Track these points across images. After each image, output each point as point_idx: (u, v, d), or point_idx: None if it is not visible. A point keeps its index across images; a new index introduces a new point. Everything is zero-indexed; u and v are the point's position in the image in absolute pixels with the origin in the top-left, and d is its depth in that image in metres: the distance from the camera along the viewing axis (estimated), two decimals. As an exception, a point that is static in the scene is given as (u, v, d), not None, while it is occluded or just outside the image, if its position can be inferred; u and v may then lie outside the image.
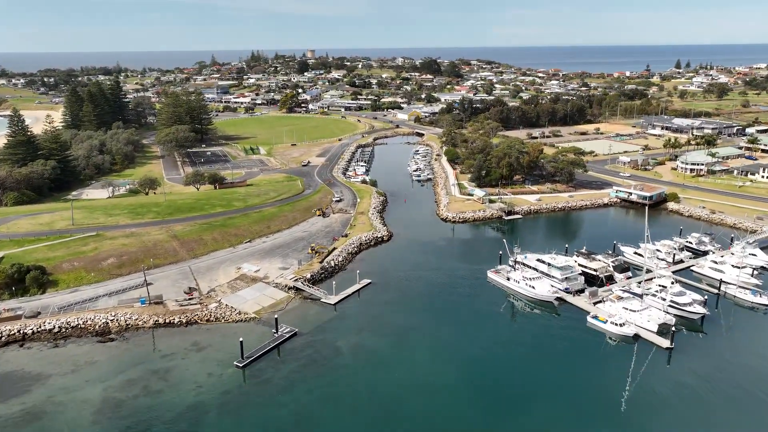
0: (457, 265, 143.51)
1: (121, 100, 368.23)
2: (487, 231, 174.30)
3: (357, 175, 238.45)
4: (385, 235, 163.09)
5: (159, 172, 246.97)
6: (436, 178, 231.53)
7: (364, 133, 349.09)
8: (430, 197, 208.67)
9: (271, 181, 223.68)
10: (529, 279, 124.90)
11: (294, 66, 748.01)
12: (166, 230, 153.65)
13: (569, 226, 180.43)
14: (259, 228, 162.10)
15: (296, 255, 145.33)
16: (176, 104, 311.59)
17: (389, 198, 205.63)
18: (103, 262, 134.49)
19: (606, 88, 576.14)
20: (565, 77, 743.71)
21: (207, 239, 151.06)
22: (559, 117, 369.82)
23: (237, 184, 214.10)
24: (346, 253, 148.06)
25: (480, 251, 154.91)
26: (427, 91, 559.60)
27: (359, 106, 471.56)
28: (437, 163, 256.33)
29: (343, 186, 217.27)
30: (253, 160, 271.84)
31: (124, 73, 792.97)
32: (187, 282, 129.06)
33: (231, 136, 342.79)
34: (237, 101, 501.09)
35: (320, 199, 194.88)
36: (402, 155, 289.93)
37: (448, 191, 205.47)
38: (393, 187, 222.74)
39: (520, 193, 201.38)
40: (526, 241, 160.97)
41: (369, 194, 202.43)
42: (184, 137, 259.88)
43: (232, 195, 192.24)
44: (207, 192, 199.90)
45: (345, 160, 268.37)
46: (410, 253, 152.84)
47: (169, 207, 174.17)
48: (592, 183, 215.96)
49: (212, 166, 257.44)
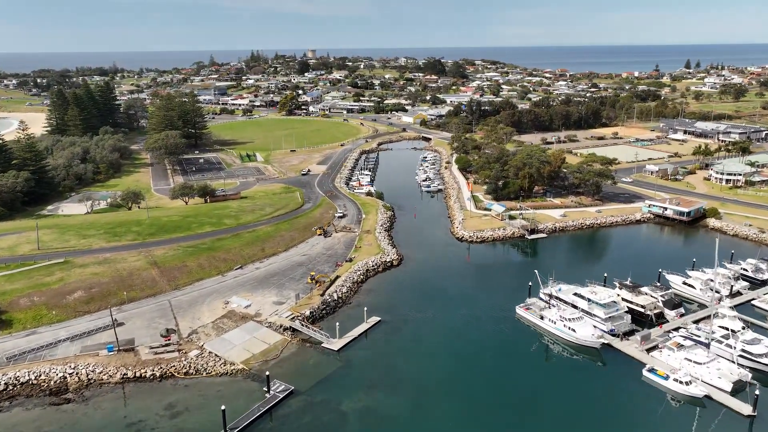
0: (479, 297, 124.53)
1: (111, 103, 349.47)
2: (509, 253, 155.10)
3: (361, 185, 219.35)
4: (395, 258, 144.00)
5: (147, 182, 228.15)
6: (447, 189, 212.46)
7: (368, 137, 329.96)
8: (442, 211, 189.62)
9: (268, 193, 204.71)
10: (568, 319, 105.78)
11: (294, 66, 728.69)
12: (145, 255, 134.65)
13: (600, 247, 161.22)
14: (251, 251, 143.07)
15: (293, 285, 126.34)
16: (168, 107, 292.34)
17: (397, 212, 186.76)
18: (69, 296, 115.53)
19: (616, 89, 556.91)
20: (573, 78, 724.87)
21: (192, 266, 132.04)
22: (574, 120, 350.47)
23: (230, 197, 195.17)
24: (351, 282, 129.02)
25: (504, 279, 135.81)
26: (431, 92, 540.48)
27: (362, 109, 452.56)
28: (447, 172, 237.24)
29: (347, 198, 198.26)
30: (249, 168, 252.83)
31: (120, 74, 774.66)
32: (166, 321, 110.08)
33: (227, 141, 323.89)
34: (235, 103, 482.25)
35: (321, 215, 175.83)
36: (409, 162, 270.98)
37: (462, 205, 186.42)
38: (401, 199, 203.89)
39: (541, 207, 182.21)
40: (553, 265, 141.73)
41: (375, 208, 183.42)
42: (174, 144, 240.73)
43: (224, 210, 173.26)
44: (196, 207, 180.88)
45: (348, 168, 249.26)
46: (424, 282, 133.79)
47: (151, 226, 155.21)
48: (620, 195, 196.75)
49: (205, 174, 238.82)
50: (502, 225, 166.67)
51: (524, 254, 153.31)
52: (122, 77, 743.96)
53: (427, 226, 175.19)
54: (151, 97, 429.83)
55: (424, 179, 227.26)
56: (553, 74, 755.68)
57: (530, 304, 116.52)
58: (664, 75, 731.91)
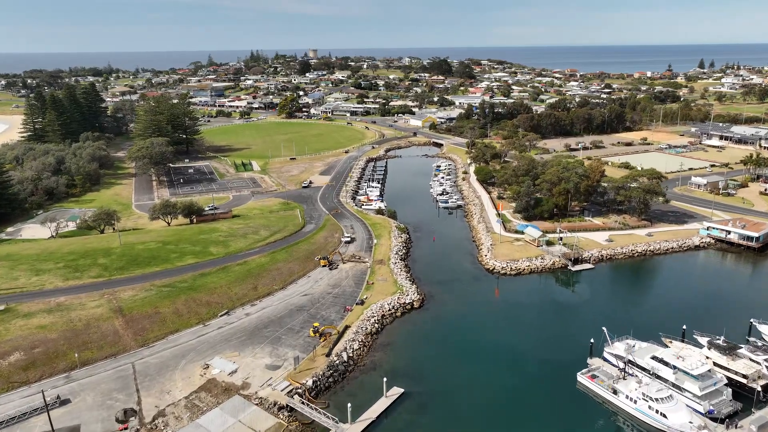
0: (524, 353, 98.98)
1: (97, 106, 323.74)
2: (551, 289, 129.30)
3: (370, 200, 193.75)
4: (416, 299, 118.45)
5: (128, 196, 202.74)
6: (468, 205, 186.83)
7: (374, 143, 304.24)
8: (464, 233, 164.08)
9: (264, 211, 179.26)
10: (655, 399, 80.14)
11: (295, 66, 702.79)
12: (109, 299, 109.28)
13: (661, 283, 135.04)
14: (241, 290, 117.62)
15: (292, 339, 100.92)
16: (156, 111, 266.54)
17: (413, 234, 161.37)
18: (3, 359, 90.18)
19: (631, 90, 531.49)
20: (584, 78, 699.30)
21: (166, 313, 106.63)
22: (596, 124, 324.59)
23: (219, 216, 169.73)
24: (364, 334, 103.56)
25: (551, 326, 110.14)
26: (439, 93, 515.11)
27: (366, 111, 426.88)
28: (466, 184, 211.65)
29: (354, 217, 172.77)
30: (244, 180, 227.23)
31: (115, 74, 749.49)
32: (125, 397, 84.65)
33: (221, 147, 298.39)
34: (232, 105, 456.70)
35: (325, 240, 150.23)
36: (420, 171, 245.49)
37: (489, 226, 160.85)
38: (415, 216, 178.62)
39: (580, 229, 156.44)
40: (609, 308, 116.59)
41: (387, 231, 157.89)
42: (160, 153, 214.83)
43: (211, 234, 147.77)
44: (179, 230, 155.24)
45: (354, 180, 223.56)
46: (452, 330, 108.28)
47: (122, 257, 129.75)
48: (668, 214, 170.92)
49: (194, 187, 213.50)
50: (540, 253, 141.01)
51: (569, 291, 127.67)
52: (117, 78, 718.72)
53: (450, 252, 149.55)
54: (139, 99, 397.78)
55: (441, 193, 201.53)
56: (563, 74, 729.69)
57: (595, 370, 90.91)
58: (678, 75, 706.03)
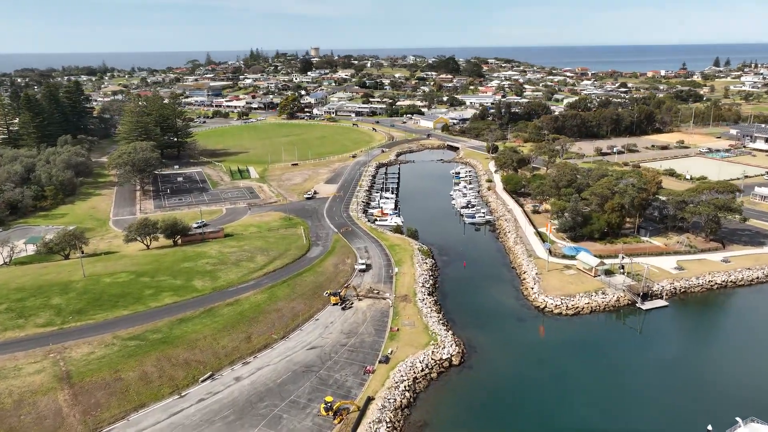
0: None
1: (81, 106, 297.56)
2: (621, 336, 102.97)
3: (384, 215, 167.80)
4: (454, 353, 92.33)
5: (106, 209, 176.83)
6: (499, 221, 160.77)
7: (383, 146, 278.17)
8: (498, 256, 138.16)
9: (262, 229, 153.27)
10: None
11: (296, 65, 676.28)
12: (54, 360, 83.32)
13: (759, 325, 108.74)
14: (231, 342, 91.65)
15: (296, 418, 74.98)
16: (143, 111, 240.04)
17: (438, 257, 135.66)
18: None
19: (648, 89, 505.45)
20: (595, 76, 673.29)
21: (130, 379, 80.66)
22: (625, 126, 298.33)
23: (209, 236, 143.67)
24: (392, 409, 77.60)
25: (636, 394, 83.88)
26: (448, 92, 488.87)
27: (372, 111, 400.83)
28: (492, 195, 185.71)
29: (368, 237, 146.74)
30: (240, 189, 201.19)
31: (110, 73, 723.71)
32: None
33: (216, 151, 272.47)
34: (230, 105, 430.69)
35: (336, 268, 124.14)
36: (437, 178, 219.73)
37: (528, 249, 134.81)
38: (437, 234, 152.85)
39: (640, 252, 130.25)
40: (702, 366, 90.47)
41: (409, 254, 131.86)
42: (144, 159, 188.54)
43: (197, 261, 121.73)
44: (158, 255, 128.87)
45: (364, 189, 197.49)
46: (508, 404, 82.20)
47: (83, 294, 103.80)
48: (739, 233, 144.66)
49: (183, 198, 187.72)
50: (599, 286, 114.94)
51: (643, 338, 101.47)
52: (112, 77, 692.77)
53: (486, 283, 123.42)
54: (124, 98, 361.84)
55: (465, 205, 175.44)
56: (573, 73, 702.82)
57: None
58: (693, 74, 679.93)
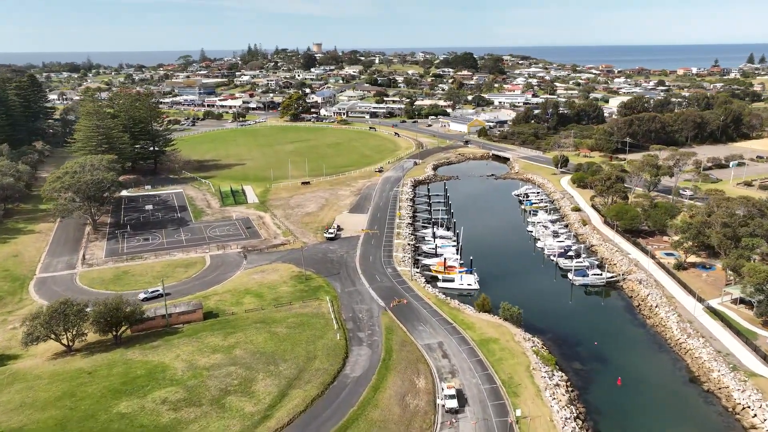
0: None
1: (39, 106, 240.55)
2: None
3: (449, 269, 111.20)
4: None
5: (34, 257, 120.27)
6: (627, 281, 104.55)
7: (413, 156, 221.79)
8: (662, 360, 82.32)
9: (263, 299, 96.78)
10: None
11: (298, 61, 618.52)
12: None
13: None
14: None
15: None
16: (102, 116, 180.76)
17: (562, 362, 79.79)
18: None
19: (690, 87, 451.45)
20: (623, 74, 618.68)
21: None
22: (710, 131, 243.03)
23: (178, 319, 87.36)
24: None
25: None
26: (470, 91, 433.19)
27: (389, 112, 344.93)
28: (592, 232, 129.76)
29: (435, 316, 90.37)
30: (232, 222, 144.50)
31: (95, 70, 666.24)
32: None
33: (205, 162, 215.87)
34: (224, 105, 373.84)
35: (403, 406, 67.51)
36: (495, 202, 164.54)
37: (714, 346, 78.97)
38: (532, 304, 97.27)
39: None
40: None
41: (524, 366, 75.89)
42: (94, 183, 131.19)
43: (145, 397, 65.52)
44: (76, 376, 71.98)
45: (406, 222, 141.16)
46: None
47: None
48: None
49: (152, 237, 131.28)
50: None
51: None
52: (97, 74, 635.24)
53: (669, 425, 67.58)
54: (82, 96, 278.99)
55: (564, 253, 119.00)
56: (599, 70, 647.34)
57: None
58: (729, 71, 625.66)
